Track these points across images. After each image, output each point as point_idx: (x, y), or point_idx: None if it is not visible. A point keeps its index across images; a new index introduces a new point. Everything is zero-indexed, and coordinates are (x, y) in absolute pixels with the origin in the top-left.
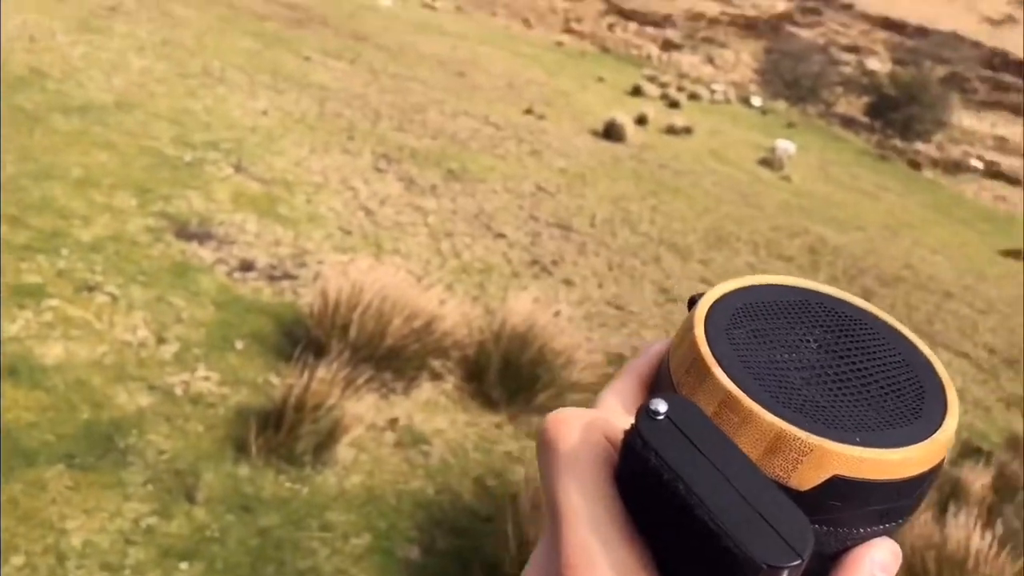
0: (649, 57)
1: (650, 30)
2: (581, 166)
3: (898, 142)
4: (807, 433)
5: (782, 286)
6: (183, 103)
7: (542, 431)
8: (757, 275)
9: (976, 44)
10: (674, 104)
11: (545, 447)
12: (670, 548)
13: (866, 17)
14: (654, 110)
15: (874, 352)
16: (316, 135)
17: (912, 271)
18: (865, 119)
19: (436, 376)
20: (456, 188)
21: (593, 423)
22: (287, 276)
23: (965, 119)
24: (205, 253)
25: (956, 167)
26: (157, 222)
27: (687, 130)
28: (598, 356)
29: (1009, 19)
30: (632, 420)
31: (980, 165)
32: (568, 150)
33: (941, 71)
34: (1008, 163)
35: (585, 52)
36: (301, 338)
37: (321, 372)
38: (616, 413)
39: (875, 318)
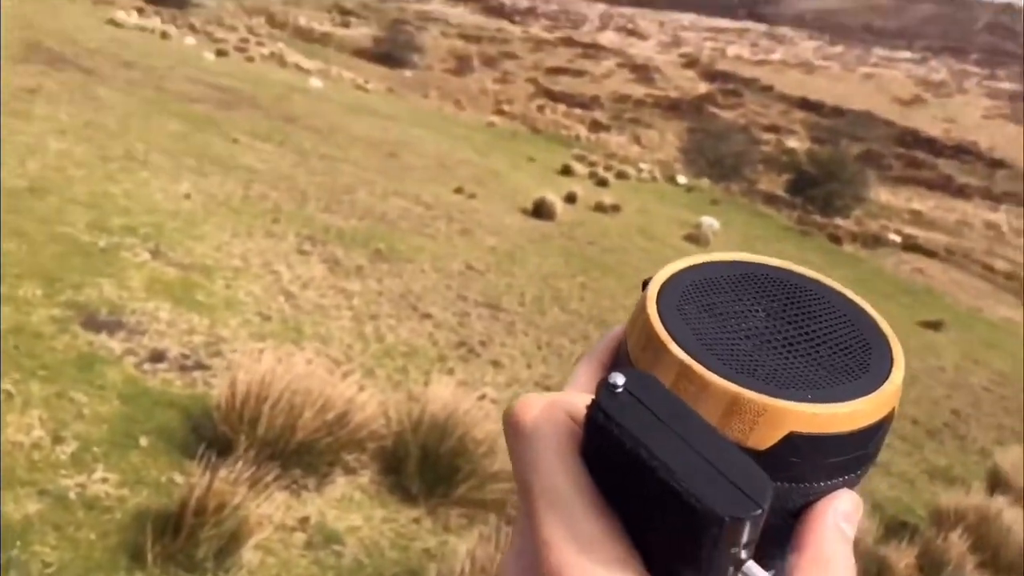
0: (578, 137)
1: (578, 111)
2: (511, 244)
3: (819, 217)
4: (761, 395)
5: (729, 261)
6: (102, 187)
7: (508, 416)
8: (705, 253)
9: (889, 123)
10: (603, 182)
11: (512, 431)
12: (638, 515)
13: (784, 98)
14: (583, 188)
15: (820, 315)
16: (240, 218)
17: None
18: (786, 196)
19: (351, 470)
20: (383, 269)
21: (556, 403)
22: (199, 366)
23: (882, 194)
24: (114, 344)
25: (875, 241)
26: (64, 312)
27: (615, 208)
28: None
29: (918, 99)
30: (593, 397)
31: (898, 239)
32: (498, 228)
33: (857, 149)
34: (924, 236)
35: (516, 133)
36: (208, 434)
37: (225, 471)
38: (579, 395)
39: (820, 284)
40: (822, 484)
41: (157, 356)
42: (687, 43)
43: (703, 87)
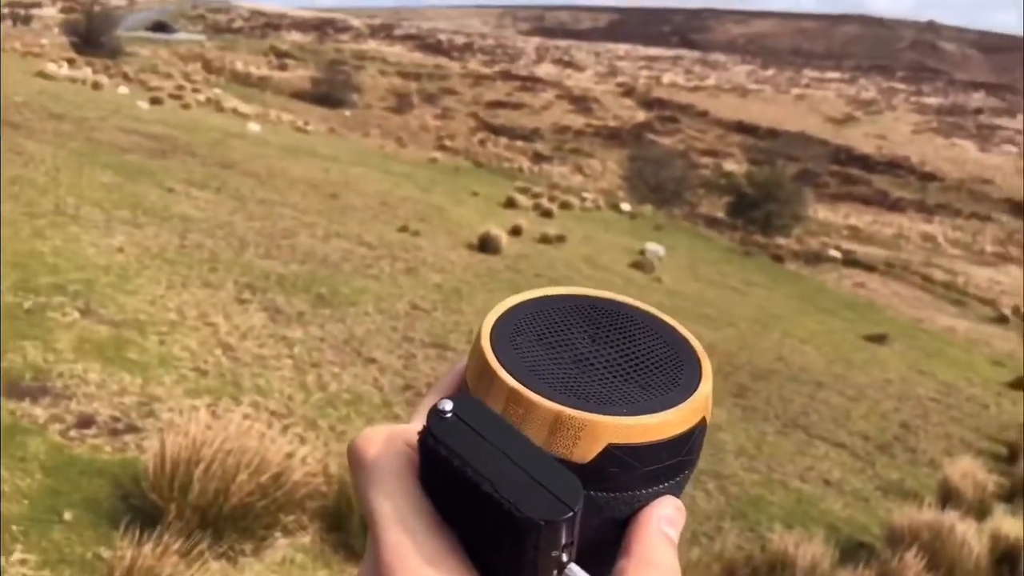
0: (520, 169)
1: (520, 143)
2: (457, 280)
3: (760, 238)
4: (580, 412)
5: (560, 295)
6: (29, 245)
7: (351, 450)
8: (538, 288)
9: (823, 142)
10: (547, 214)
11: (354, 464)
12: (473, 532)
13: (720, 123)
14: (528, 220)
15: (639, 338)
16: (175, 269)
17: (784, 363)
18: (727, 218)
19: (290, 531)
20: (325, 314)
21: (395, 435)
22: (131, 429)
23: (820, 212)
24: (38, 411)
25: (816, 258)
26: None
27: (560, 238)
28: None
29: (849, 118)
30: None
31: (838, 254)
32: (444, 265)
33: (793, 168)
34: (863, 251)
35: (459, 167)
36: (137, 503)
37: (152, 543)
38: (417, 425)
39: (638, 310)
40: (644, 491)
41: (85, 421)
42: (623, 72)
43: (641, 115)
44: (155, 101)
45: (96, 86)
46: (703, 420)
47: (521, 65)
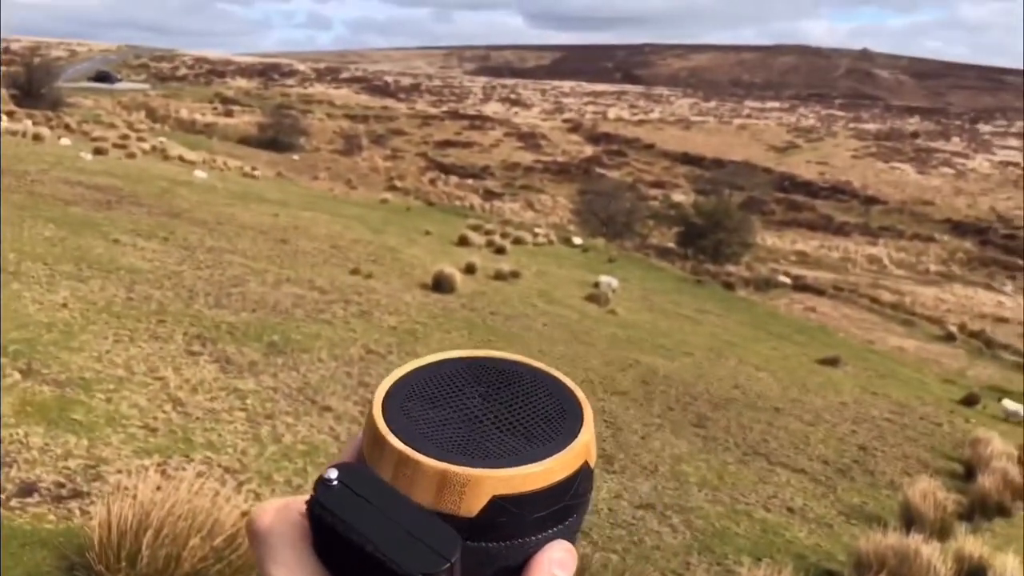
0: (472, 207)
1: (470, 181)
2: (412, 322)
3: (711, 266)
4: (464, 468)
5: (453, 359)
6: None
7: (247, 523)
8: (432, 354)
9: (767, 170)
10: (500, 250)
11: (252, 536)
12: None
13: (666, 154)
14: (481, 258)
15: (526, 393)
16: (122, 323)
17: (741, 391)
18: (678, 248)
19: None
20: (278, 363)
21: (289, 506)
22: (76, 495)
23: (768, 239)
24: None
25: (766, 284)
26: None
27: (515, 274)
28: None
29: (792, 146)
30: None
31: (788, 280)
32: (398, 307)
33: (739, 197)
34: (812, 275)
35: (410, 207)
36: (83, 575)
37: None
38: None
39: (527, 367)
40: (534, 538)
41: (27, 489)
42: (569, 108)
43: (589, 149)
44: (99, 151)
45: (37, 138)
46: (585, 464)
47: (468, 104)
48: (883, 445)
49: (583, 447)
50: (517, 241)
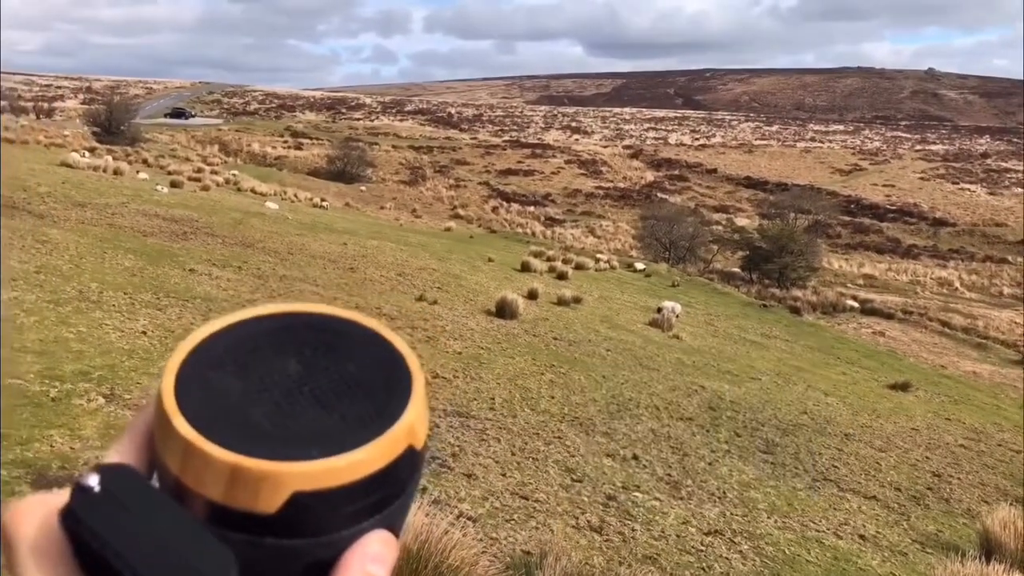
0: (534, 234)
1: (532, 209)
2: (476, 347)
3: (776, 290)
4: (258, 460)
5: (269, 315)
6: (54, 332)
7: (3, 526)
8: (245, 309)
9: (832, 193)
10: (562, 276)
11: (5, 544)
12: None
13: (729, 179)
14: (543, 284)
15: (352, 358)
16: None
17: (809, 416)
18: (742, 272)
19: None
20: None
21: (49, 507)
22: None
23: (834, 262)
24: None
25: (834, 308)
26: (10, 472)
27: (577, 300)
28: (498, 567)
29: (857, 168)
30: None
31: (856, 304)
32: (462, 332)
33: (805, 221)
34: (880, 299)
35: (473, 235)
36: None
37: None
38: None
39: (357, 325)
40: (346, 532)
41: None
42: (630, 135)
43: (650, 175)
44: (175, 184)
45: (117, 172)
46: (408, 449)
47: (530, 133)
48: (958, 472)
49: (405, 430)
50: (579, 267)
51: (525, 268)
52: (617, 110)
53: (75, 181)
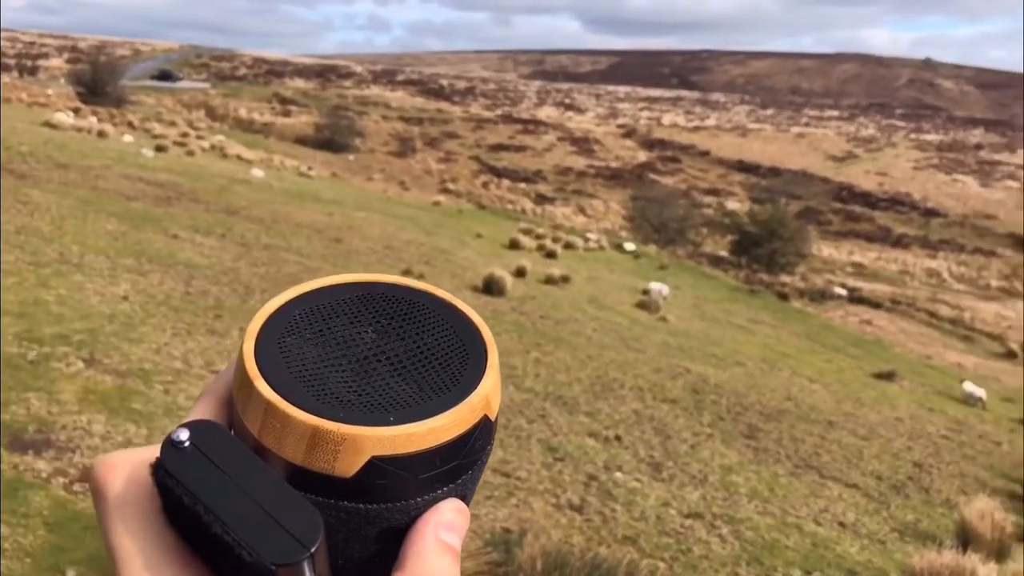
0: (524, 211)
1: (523, 185)
2: None
3: (765, 276)
4: (339, 424)
5: (346, 284)
6: (34, 294)
7: (91, 479)
8: (320, 279)
9: (824, 179)
10: (551, 254)
11: (96, 495)
12: (218, 568)
13: (721, 162)
14: (532, 262)
15: (427, 328)
16: (180, 317)
17: (794, 403)
18: (731, 256)
19: None
20: None
21: (140, 462)
22: None
23: (824, 249)
24: (41, 464)
25: (821, 295)
26: None
27: (565, 279)
28: (477, 544)
29: (850, 155)
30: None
31: (844, 292)
32: None
33: (796, 206)
34: (869, 288)
35: (462, 210)
36: None
37: None
38: None
39: (431, 296)
40: (421, 499)
41: (89, 474)
42: (624, 114)
43: (643, 155)
44: (160, 149)
45: (101, 135)
46: (484, 419)
47: (523, 108)
48: (939, 462)
49: (482, 400)
50: (568, 246)
51: (514, 245)
52: (612, 88)
53: (58, 142)
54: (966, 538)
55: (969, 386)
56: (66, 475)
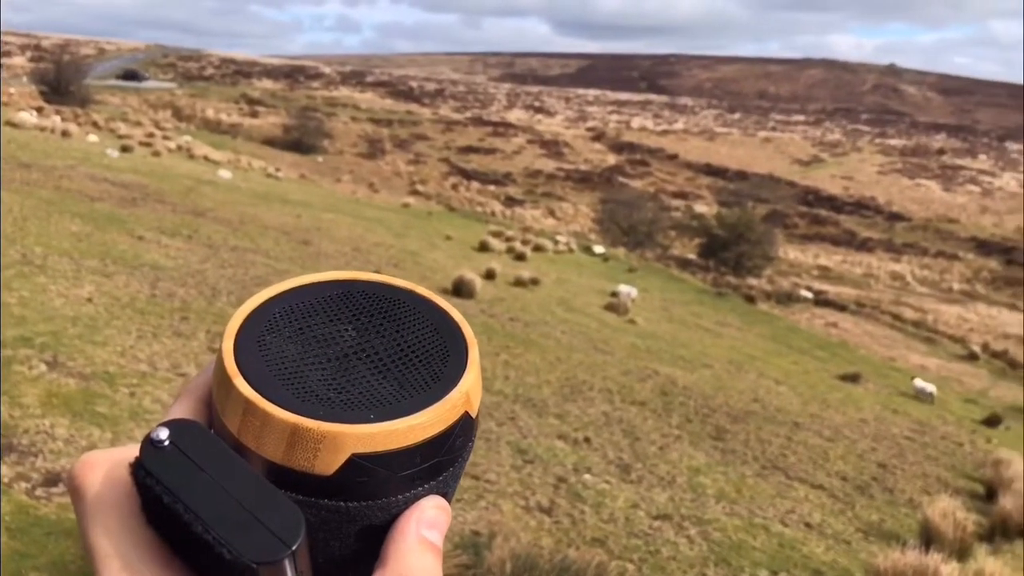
0: (493, 213)
1: (492, 188)
2: None
3: (732, 278)
4: (318, 422)
5: (325, 282)
6: None
7: (70, 479)
8: (300, 277)
9: (791, 183)
10: (520, 257)
11: (74, 495)
12: (198, 568)
13: (689, 165)
14: (501, 264)
15: (408, 326)
16: (145, 319)
17: (760, 404)
18: (699, 259)
19: None
20: None
21: (118, 461)
22: None
23: (790, 252)
24: (3, 469)
25: (788, 298)
26: None
27: (534, 281)
28: (446, 546)
29: (816, 160)
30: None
31: (809, 295)
32: None
33: (762, 210)
34: (834, 290)
35: (432, 212)
36: None
37: None
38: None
39: (412, 294)
40: (401, 496)
41: (52, 479)
42: (593, 117)
43: (612, 158)
44: (125, 149)
45: (65, 134)
46: (464, 415)
47: (492, 111)
48: (903, 463)
49: (463, 397)
50: (538, 248)
51: (483, 247)
52: (581, 91)
53: (21, 141)
54: (929, 537)
55: (919, 382)
56: (28, 480)
